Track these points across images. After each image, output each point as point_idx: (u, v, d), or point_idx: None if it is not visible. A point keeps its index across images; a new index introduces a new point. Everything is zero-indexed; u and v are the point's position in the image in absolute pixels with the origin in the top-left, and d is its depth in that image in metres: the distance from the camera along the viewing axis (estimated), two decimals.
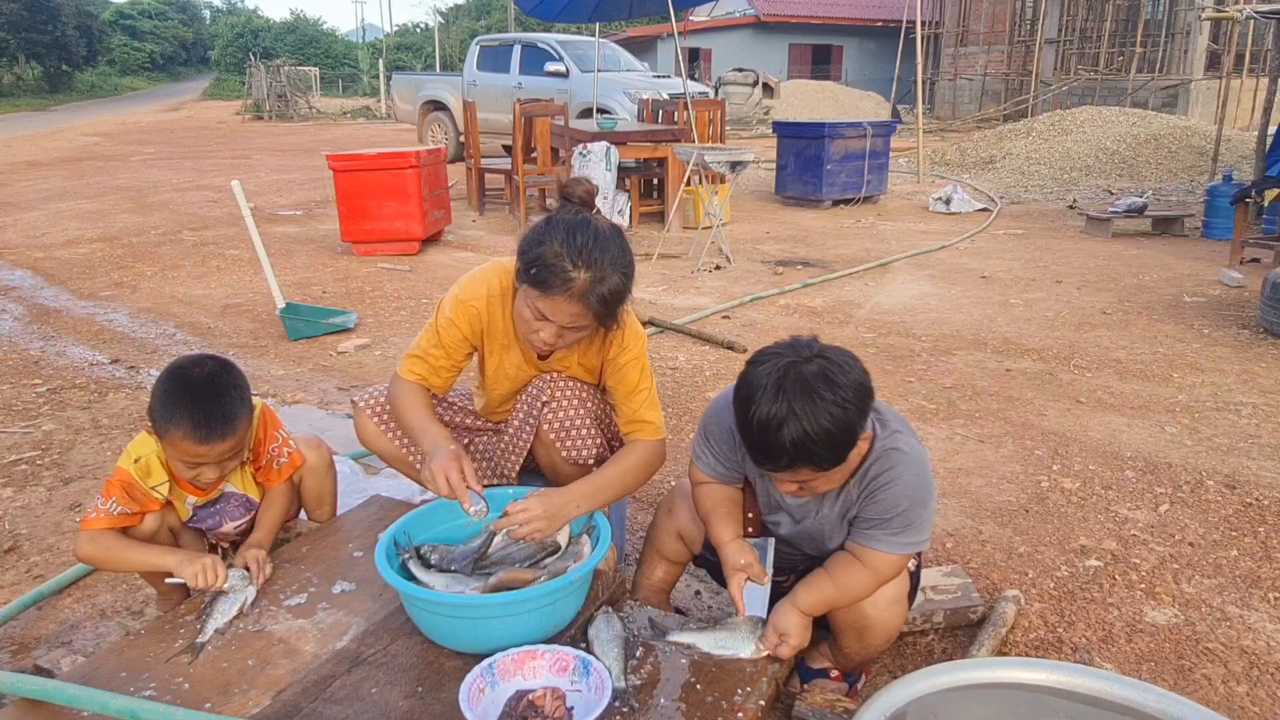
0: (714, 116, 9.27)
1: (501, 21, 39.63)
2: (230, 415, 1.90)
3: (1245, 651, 2.18)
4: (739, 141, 16.11)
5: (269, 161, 15.25)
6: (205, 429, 1.86)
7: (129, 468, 1.97)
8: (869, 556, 1.72)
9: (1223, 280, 6.05)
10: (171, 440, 1.88)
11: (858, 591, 1.74)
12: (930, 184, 11.36)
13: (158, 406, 1.88)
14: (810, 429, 1.51)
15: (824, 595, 1.75)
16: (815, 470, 1.59)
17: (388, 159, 6.90)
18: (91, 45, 46.09)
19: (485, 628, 1.69)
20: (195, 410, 1.86)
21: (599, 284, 1.80)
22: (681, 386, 4.12)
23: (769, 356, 1.61)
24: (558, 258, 1.78)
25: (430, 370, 2.12)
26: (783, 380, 1.54)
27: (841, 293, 5.97)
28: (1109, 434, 3.53)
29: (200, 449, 1.88)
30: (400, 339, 4.87)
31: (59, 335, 5.02)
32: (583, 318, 1.84)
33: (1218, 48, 17.55)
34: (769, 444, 1.55)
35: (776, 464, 1.58)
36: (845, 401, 1.54)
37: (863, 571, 1.73)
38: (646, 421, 2.07)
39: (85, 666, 1.75)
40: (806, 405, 1.52)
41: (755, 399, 1.55)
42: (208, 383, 1.90)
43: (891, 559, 1.71)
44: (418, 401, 2.08)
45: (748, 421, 1.57)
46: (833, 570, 1.76)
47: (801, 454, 1.54)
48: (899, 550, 1.71)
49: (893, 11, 26.92)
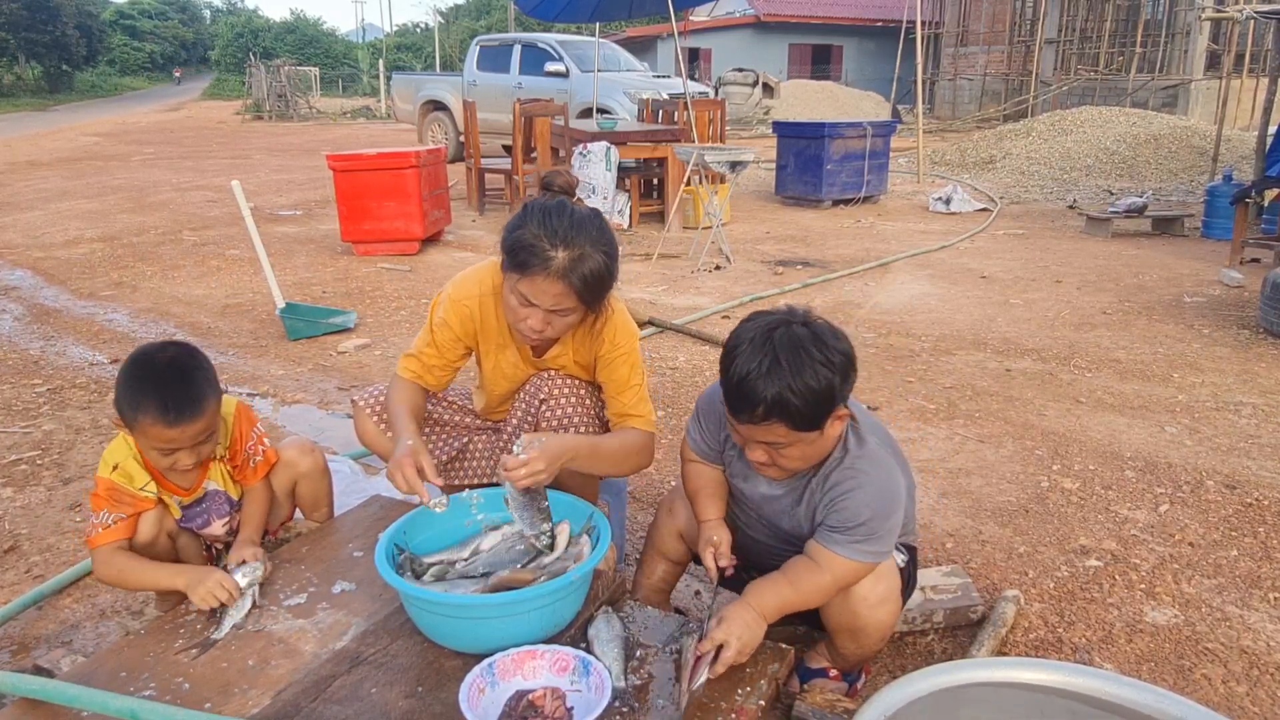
0: (714, 116, 9.27)
1: (501, 21, 39.66)
2: (197, 396, 1.88)
3: (1245, 651, 2.18)
4: (739, 141, 16.11)
5: (269, 161, 15.25)
6: (175, 411, 1.84)
7: (109, 476, 1.96)
8: (828, 559, 1.70)
9: (1223, 280, 6.05)
10: (142, 428, 1.86)
11: (814, 596, 1.73)
12: (930, 184, 11.36)
13: (124, 395, 1.86)
14: (794, 383, 1.54)
15: (779, 597, 1.73)
16: (789, 429, 1.59)
17: (388, 159, 6.90)
18: (91, 45, 46.10)
19: (485, 628, 1.69)
20: (162, 394, 1.84)
21: (579, 262, 1.82)
22: (681, 386, 4.12)
23: (762, 315, 1.66)
24: (536, 238, 1.81)
25: (424, 368, 2.15)
26: (771, 333, 1.58)
27: (841, 293, 5.97)
28: (1109, 434, 3.53)
29: (171, 432, 1.86)
30: (400, 339, 4.87)
31: (59, 335, 5.02)
32: (566, 299, 1.85)
33: (1218, 48, 17.55)
34: (748, 389, 1.56)
35: (752, 412, 1.58)
36: (830, 363, 1.57)
37: (820, 574, 1.71)
38: (637, 415, 2.08)
39: (85, 666, 1.74)
40: (791, 359, 1.55)
41: (740, 348, 1.59)
42: (171, 366, 1.88)
43: (850, 565, 1.70)
44: (402, 398, 2.11)
45: (730, 367, 1.59)
46: (789, 573, 1.74)
47: (778, 406, 1.55)
48: (858, 557, 1.69)
49: (893, 11, 26.94)
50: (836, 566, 1.70)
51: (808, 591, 1.72)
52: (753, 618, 1.70)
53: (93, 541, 1.95)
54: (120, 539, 1.96)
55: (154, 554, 2.02)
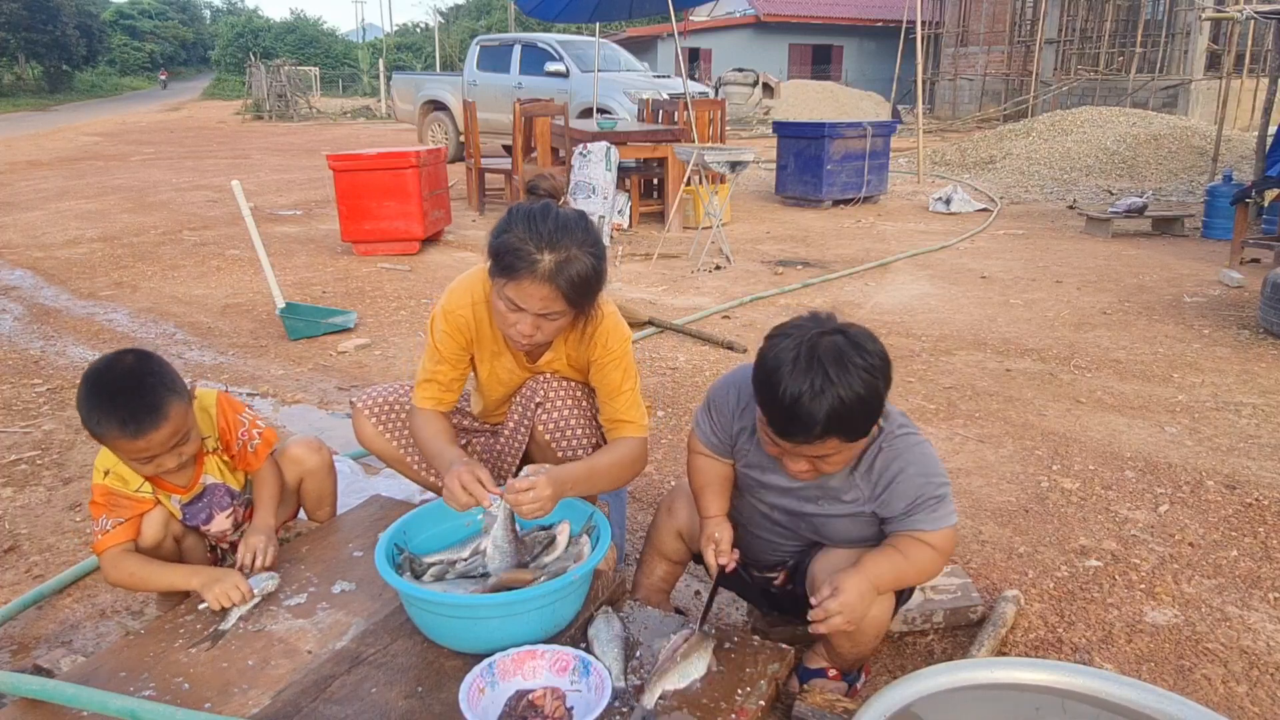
0: (714, 116, 9.27)
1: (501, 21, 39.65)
2: (155, 404, 1.84)
3: (1245, 651, 2.18)
4: (739, 141, 16.10)
5: (269, 161, 15.24)
6: (134, 424, 1.82)
7: (104, 481, 1.96)
8: (925, 538, 1.73)
9: (1223, 280, 6.05)
10: (110, 443, 1.86)
11: (927, 567, 1.75)
12: (930, 184, 11.36)
13: (85, 415, 1.84)
14: (845, 395, 1.51)
15: (894, 567, 1.72)
16: (842, 441, 1.58)
17: (388, 159, 6.90)
18: (91, 45, 46.11)
19: (485, 628, 1.69)
20: (118, 410, 1.82)
21: (566, 265, 1.80)
22: (681, 386, 4.12)
23: (791, 329, 1.60)
24: (521, 242, 1.80)
25: (442, 389, 2.13)
26: (814, 349, 1.54)
27: (841, 293, 5.97)
28: (1109, 434, 3.53)
29: (138, 444, 1.84)
30: (400, 339, 4.87)
31: (59, 335, 5.02)
32: (554, 301, 1.84)
33: (1218, 48, 17.56)
34: (802, 414, 1.52)
35: (808, 435, 1.55)
36: (873, 369, 1.55)
37: (926, 549, 1.73)
38: (629, 420, 2.08)
39: (85, 666, 1.74)
40: (841, 373, 1.52)
41: (783, 369, 1.54)
42: (126, 378, 1.85)
43: (943, 534, 1.73)
44: (432, 431, 2.08)
45: (777, 394, 1.54)
46: (900, 546, 1.74)
47: (834, 422, 1.53)
48: (946, 524, 1.72)
49: (893, 11, 26.93)
50: (935, 539, 1.72)
51: (919, 563, 1.74)
52: (868, 588, 1.69)
53: (97, 548, 1.96)
54: (123, 542, 1.96)
55: (159, 557, 2.02)
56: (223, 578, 1.89)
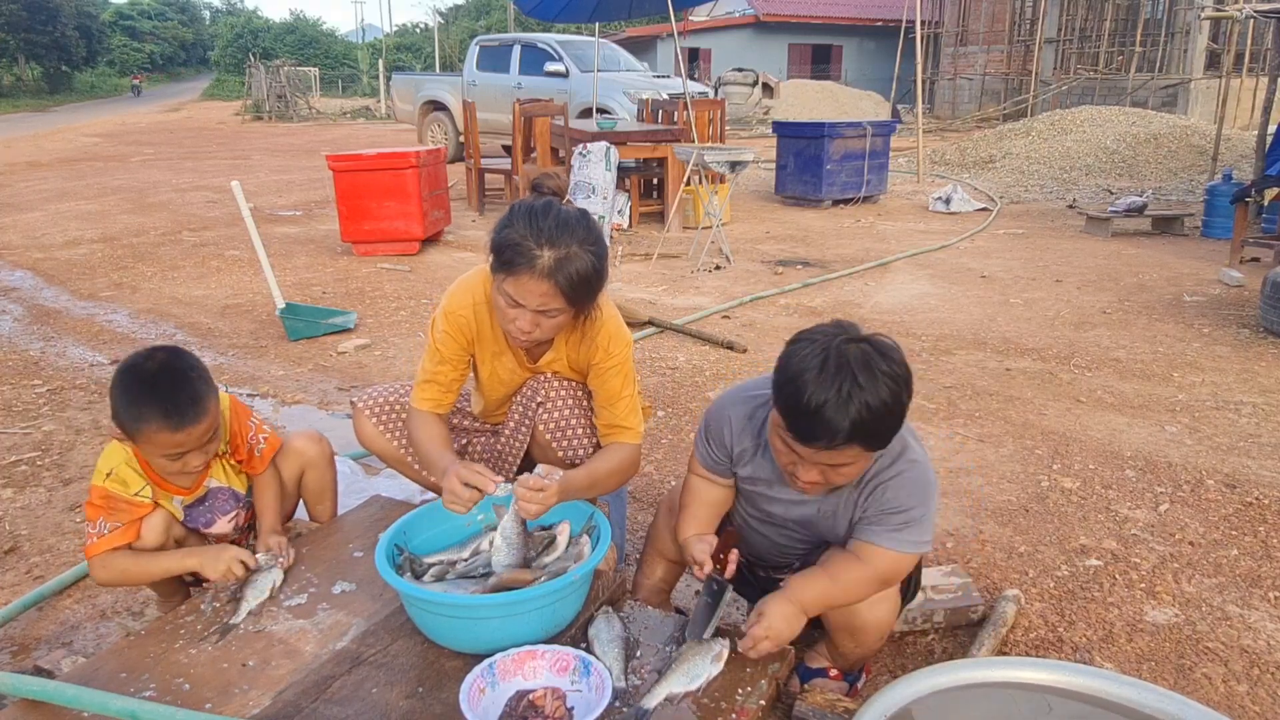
0: (714, 116, 9.27)
1: (501, 21, 39.65)
2: (197, 396, 1.87)
3: (1245, 651, 2.18)
4: (739, 141, 16.10)
5: (269, 162, 15.24)
6: (177, 416, 1.83)
7: (103, 484, 1.94)
8: (868, 552, 1.68)
9: (1223, 280, 6.05)
10: (146, 437, 1.85)
11: (856, 589, 1.71)
12: (930, 184, 11.36)
13: (122, 408, 1.84)
14: (873, 402, 1.49)
15: (820, 590, 1.71)
16: (863, 449, 1.55)
17: (388, 159, 6.90)
18: (91, 46, 46.16)
19: (485, 628, 1.69)
20: (161, 400, 1.82)
21: (565, 262, 1.81)
22: (681, 386, 4.12)
23: (815, 335, 1.58)
24: (522, 238, 1.81)
25: (442, 390, 2.13)
26: (842, 355, 1.52)
27: (841, 293, 5.97)
28: (1109, 433, 3.53)
29: (179, 436, 1.85)
30: (400, 339, 4.88)
31: (59, 336, 5.02)
32: (552, 298, 1.83)
33: (1217, 47, 17.56)
34: (827, 419, 1.49)
35: (831, 441, 1.52)
36: (896, 377, 1.53)
37: (861, 568, 1.69)
38: (627, 427, 2.08)
39: (85, 667, 1.74)
40: (869, 379, 1.49)
41: (806, 376, 1.51)
42: (165, 371, 1.86)
43: (891, 555, 1.67)
44: (428, 435, 2.08)
45: (801, 399, 1.51)
46: (829, 566, 1.72)
47: (858, 429, 1.50)
48: (899, 547, 1.67)
49: (893, 11, 26.90)
50: (877, 558, 1.68)
51: (848, 584, 1.70)
52: (793, 611, 1.69)
53: (89, 550, 1.93)
54: (117, 546, 1.94)
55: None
56: (221, 553, 1.89)
